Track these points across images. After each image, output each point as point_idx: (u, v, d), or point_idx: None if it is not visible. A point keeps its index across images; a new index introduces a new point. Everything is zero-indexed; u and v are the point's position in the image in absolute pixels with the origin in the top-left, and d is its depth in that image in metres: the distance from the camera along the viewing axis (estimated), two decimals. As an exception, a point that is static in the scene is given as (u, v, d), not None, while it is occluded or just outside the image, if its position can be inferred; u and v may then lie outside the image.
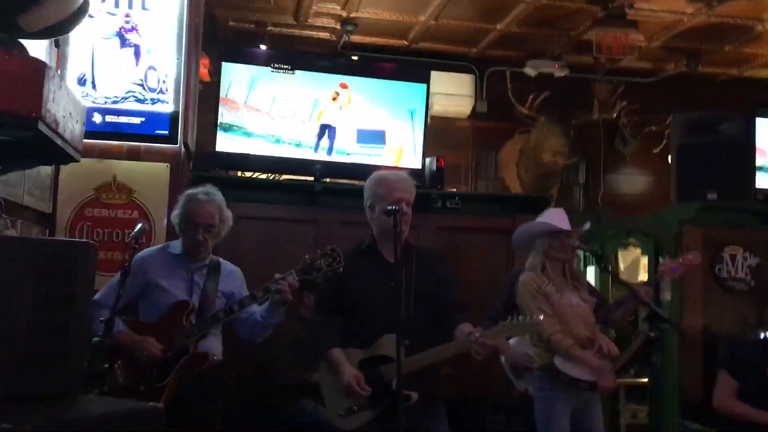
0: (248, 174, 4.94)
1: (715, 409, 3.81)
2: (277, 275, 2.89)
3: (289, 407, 4.11)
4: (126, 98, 4.18)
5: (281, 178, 4.89)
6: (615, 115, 6.04)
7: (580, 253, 4.24)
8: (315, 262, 2.87)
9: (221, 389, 3.17)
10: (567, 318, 3.35)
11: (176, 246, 3.21)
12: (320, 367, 2.98)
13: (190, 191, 3.20)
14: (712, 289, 4.86)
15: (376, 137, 5.01)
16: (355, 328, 2.94)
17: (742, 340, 4.38)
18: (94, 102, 4.12)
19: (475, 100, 6.39)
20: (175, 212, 3.19)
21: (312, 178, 4.74)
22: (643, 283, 4.18)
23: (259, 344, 4.05)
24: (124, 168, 4.16)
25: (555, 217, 3.51)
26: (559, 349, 3.27)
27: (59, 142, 2.49)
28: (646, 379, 5.47)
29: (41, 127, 2.25)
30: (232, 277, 3.23)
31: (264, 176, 4.89)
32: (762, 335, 3.93)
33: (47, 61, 2.85)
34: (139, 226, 2.94)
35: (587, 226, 3.57)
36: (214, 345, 3.12)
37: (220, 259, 3.26)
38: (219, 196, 3.18)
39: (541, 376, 3.38)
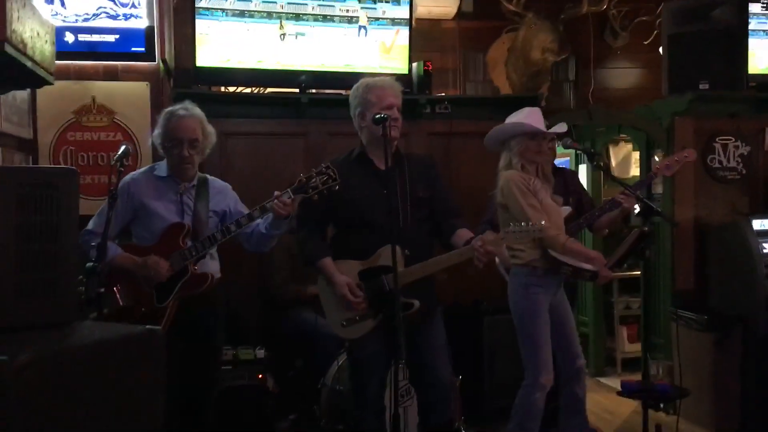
0: (231, 88, 4.81)
1: None
2: (276, 192, 2.86)
3: (290, 320, 4.17)
4: (98, 15, 4.02)
5: (266, 92, 4.77)
6: (604, 6, 5.84)
7: (562, 149, 4.16)
8: (311, 180, 2.82)
9: (222, 306, 3.19)
10: (552, 216, 3.25)
11: (162, 168, 3.14)
12: (318, 279, 3.00)
13: (168, 109, 3.13)
14: (703, 180, 4.85)
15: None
16: (352, 238, 2.94)
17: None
18: (64, 21, 3.97)
19: (461, 0, 6.17)
20: (156, 132, 3.11)
21: (297, 90, 4.62)
22: (636, 182, 4.16)
23: (255, 260, 4.12)
24: (102, 89, 4.05)
25: (533, 118, 3.32)
26: (555, 244, 3.20)
27: (29, 64, 2.40)
28: (638, 272, 5.57)
29: (8, 49, 2.16)
30: (223, 195, 3.19)
31: (248, 90, 4.76)
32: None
33: (8, -21, 2.70)
34: (122, 148, 2.87)
35: (564, 127, 3.42)
36: (211, 265, 3.12)
37: (208, 177, 3.21)
38: (198, 110, 3.11)
39: (525, 272, 3.33)
